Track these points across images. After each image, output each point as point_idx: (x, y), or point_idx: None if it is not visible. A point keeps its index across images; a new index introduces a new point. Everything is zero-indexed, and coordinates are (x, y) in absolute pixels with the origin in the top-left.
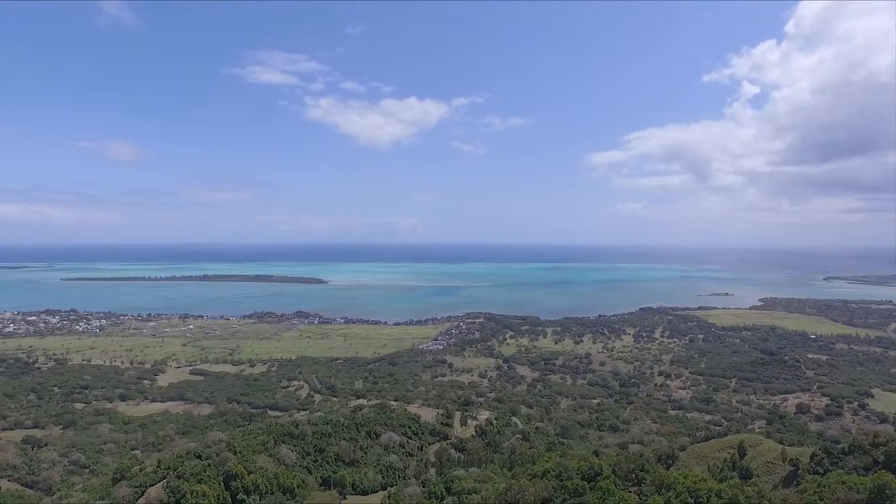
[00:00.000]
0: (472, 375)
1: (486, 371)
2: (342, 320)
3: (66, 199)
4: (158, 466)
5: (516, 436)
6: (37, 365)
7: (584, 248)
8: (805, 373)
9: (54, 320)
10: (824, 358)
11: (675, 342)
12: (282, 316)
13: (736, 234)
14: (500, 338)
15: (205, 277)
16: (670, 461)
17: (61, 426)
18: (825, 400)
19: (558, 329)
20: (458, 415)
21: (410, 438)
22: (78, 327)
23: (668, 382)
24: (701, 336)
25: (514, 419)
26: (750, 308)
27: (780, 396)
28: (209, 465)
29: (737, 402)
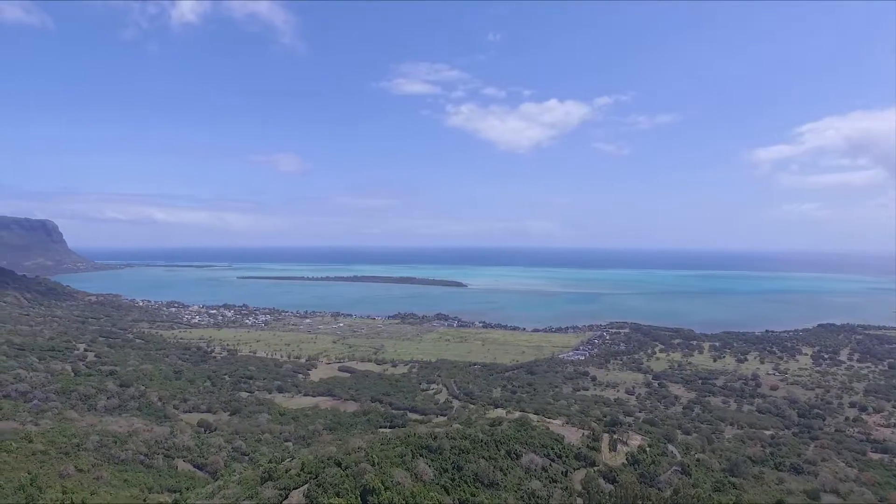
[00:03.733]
0: (618, 391)
1: (633, 387)
2: (480, 324)
3: (243, 207)
4: (302, 469)
5: (674, 468)
6: (213, 354)
7: (742, 255)
8: None
9: (229, 314)
10: None
11: (868, 367)
12: (423, 317)
13: None
14: (649, 351)
15: (354, 278)
16: None
17: (228, 413)
18: None
19: (716, 344)
20: (605, 437)
21: (553, 461)
22: (247, 321)
23: (864, 417)
24: None
25: (671, 447)
26: None
27: None
28: (348, 475)
29: None
